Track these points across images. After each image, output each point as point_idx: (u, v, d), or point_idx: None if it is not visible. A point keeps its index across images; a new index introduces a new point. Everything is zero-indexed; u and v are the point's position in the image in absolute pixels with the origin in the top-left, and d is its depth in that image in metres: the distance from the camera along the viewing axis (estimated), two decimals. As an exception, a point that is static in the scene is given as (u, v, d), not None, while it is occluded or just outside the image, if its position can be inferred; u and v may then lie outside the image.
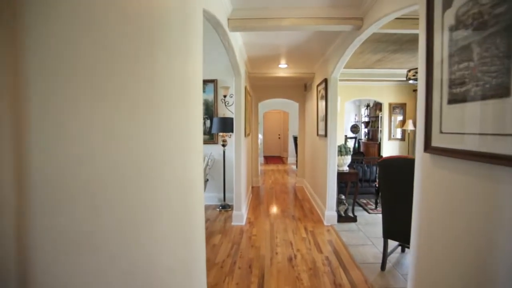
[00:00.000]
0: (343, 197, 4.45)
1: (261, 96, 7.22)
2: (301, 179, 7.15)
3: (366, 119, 10.44)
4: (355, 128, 11.24)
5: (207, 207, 5.20)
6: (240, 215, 4.28)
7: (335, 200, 4.24)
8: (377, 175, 4.91)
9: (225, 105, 5.07)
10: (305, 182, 6.89)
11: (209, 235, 3.88)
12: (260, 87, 7.11)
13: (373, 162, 5.25)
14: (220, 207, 5.05)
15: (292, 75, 5.53)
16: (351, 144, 10.15)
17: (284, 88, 7.13)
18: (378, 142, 8.42)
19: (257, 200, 5.79)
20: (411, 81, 4.27)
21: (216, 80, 5.23)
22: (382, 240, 2.92)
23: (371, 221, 4.39)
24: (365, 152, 9.40)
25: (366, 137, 10.39)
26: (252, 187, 6.89)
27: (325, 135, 4.36)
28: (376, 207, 4.96)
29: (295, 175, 8.45)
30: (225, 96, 4.96)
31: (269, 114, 13.47)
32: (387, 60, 4.82)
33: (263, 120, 12.77)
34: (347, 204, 4.42)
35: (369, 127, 10.17)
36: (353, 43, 3.01)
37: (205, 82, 5.27)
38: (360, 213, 4.70)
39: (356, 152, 7.27)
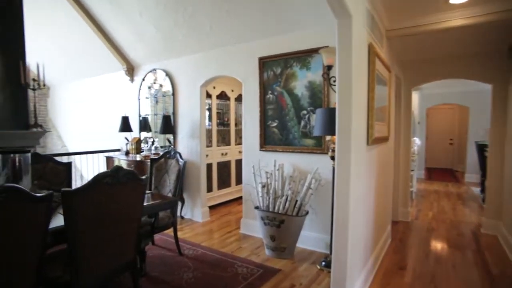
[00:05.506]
0: None
1: (415, 77, 4.49)
2: (494, 222, 3.94)
3: None
4: None
5: (305, 256, 3.20)
6: (344, 305, 2.07)
7: None
8: None
9: (330, 83, 2.86)
10: (503, 231, 3.69)
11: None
12: (413, 63, 4.39)
13: None
14: (323, 263, 2.94)
15: (482, 19, 2.71)
16: None
17: (460, 60, 4.12)
18: None
19: (397, 255, 3.27)
20: None
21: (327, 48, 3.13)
22: None
23: None
24: None
25: None
26: (396, 223, 4.29)
27: None
28: None
29: (479, 208, 5.10)
30: (329, 68, 2.77)
31: (435, 111, 9.74)
32: None
33: (425, 119, 9.22)
34: None
35: None
36: None
37: (307, 53, 3.26)
38: None
39: None
